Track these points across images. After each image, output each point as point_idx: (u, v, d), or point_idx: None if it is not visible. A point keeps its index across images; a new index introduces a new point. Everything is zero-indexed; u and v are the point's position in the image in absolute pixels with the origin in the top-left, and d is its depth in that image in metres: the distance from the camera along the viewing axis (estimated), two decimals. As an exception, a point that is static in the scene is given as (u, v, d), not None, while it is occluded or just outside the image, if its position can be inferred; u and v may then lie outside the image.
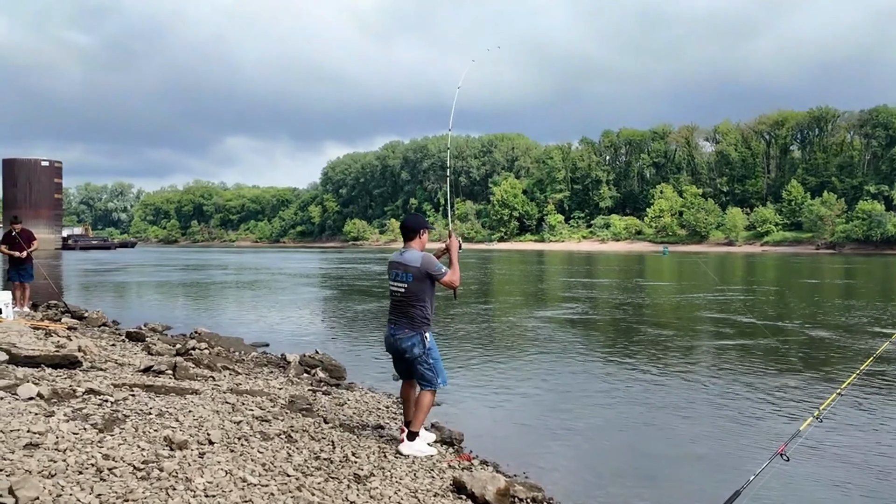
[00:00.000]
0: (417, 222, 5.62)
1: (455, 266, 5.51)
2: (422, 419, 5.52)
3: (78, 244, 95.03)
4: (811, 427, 4.89)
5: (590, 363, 10.92)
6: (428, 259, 5.41)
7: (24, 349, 6.96)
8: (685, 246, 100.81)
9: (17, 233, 13.70)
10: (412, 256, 5.41)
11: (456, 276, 5.46)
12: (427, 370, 5.45)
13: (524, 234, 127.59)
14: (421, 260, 5.38)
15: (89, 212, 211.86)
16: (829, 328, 14.77)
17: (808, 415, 4.97)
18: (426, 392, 5.48)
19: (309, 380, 8.70)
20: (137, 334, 10.84)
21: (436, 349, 5.52)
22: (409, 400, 5.67)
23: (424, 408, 5.50)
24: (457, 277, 5.46)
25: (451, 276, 5.43)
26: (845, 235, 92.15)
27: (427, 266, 5.37)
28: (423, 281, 5.38)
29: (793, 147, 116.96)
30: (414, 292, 5.39)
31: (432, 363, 5.46)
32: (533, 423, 7.61)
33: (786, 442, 4.48)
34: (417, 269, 5.36)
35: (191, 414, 5.24)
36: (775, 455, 4.37)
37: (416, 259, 5.38)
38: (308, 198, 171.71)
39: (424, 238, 5.59)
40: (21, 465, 3.63)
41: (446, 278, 5.40)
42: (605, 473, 6.00)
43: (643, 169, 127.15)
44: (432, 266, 5.38)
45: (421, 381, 5.51)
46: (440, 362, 5.54)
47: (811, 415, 4.86)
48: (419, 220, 5.67)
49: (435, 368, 5.47)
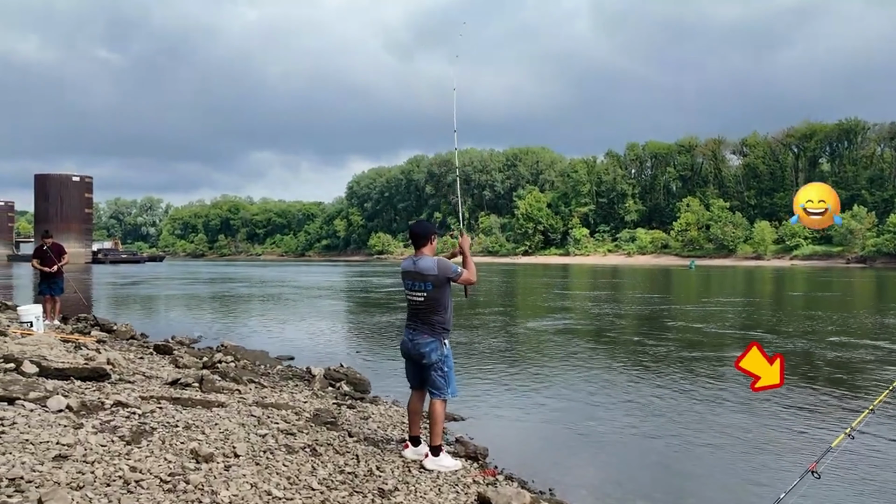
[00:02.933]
0: (426, 228, 5.62)
1: (470, 263, 5.53)
2: (439, 431, 5.45)
3: (108, 258, 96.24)
4: (843, 444, 4.78)
5: (615, 376, 10.81)
6: (443, 264, 5.40)
7: (55, 362, 7.05)
8: (712, 260, 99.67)
9: (48, 247, 13.92)
10: (427, 264, 5.37)
11: (472, 273, 5.50)
12: (440, 377, 5.42)
13: (549, 247, 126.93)
14: (437, 267, 5.36)
15: (119, 226, 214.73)
16: (860, 344, 14.49)
17: (840, 431, 4.87)
18: (437, 402, 5.42)
19: (333, 393, 8.72)
20: (165, 347, 10.95)
21: (451, 359, 5.51)
22: (416, 414, 5.65)
23: (438, 419, 5.43)
24: (473, 275, 5.50)
25: (467, 275, 5.46)
26: (876, 249, 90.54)
27: (444, 272, 5.37)
28: (442, 287, 5.39)
29: (822, 160, 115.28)
30: (435, 299, 5.39)
31: (447, 371, 5.43)
32: (559, 438, 7.55)
33: (817, 459, 4.39)
34: (436, 276, 5.34)
35: (217, 427, 5.27)
36: (806, 472, 4.28)
37: (431, 267, 5.35)
38: (333, 212, 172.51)
39: (434, 243, 5.60)
40: (50, 476, 3.67)
41: (464, 277, 5.42)
42: (632, 490, 5.91)
43: (669, 182, 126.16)
44: (449, 270, 5.38)
45: (432, 389, 5.46)
46: (453, 372, 5.52)
47: (843, 431, 4.75)
48: (428, 226, 5.68)
49: (448, 377, 5.44)
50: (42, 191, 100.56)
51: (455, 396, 5.55)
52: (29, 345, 8.48)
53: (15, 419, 4.61)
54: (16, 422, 4.56)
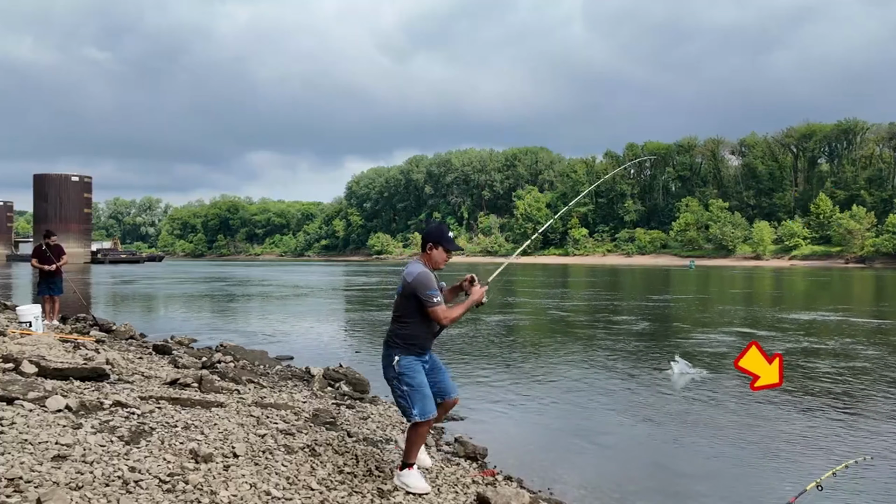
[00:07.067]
0: (428, 234, 4.97)
1: (461, 310, 4.77)
2: (410, 451, 4.81)
3: (107, 258, 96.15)
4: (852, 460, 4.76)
5: (614, 377, 10.81)
6: (422, 280, 4.67)
7: (53, 362, 7.04)
8: (711, 260, 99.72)
9: (47, 247, 13.89)
10: (411, 269, 4.76)
11: (451, 315, 4.70)
12: (399, 397, 4.77)
13: (548, 247, 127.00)
14: (414, 276, 4.69)
15: (118, 226, 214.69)
16: (871, 348, 14.51)
17: (846, 446, 4.86)
18: (412, 426, 4.77)
19: (333, 393, 8.72)
20: (164, 347, 10.94)
21: (414, 375, 4.73)
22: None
23: (413, 440, 4.80)
24: (449, 318, 4.70)
25: (445, 312, 4.68)
26: (875, 249, 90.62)
27: (417, 285, 4.66)
28: (408, 299, 4.73)
29: (821, 160, 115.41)
30: (400, 306, 4.81)
31: (405, 391, 4.71)
32: (558, 438, 7.55)
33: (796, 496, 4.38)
34: (407, 284, 4.70)
35: (216, 427, 5.26)
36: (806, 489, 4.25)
37: (411, 273, 4.72)
38: (332, 212, 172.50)
39: (434, 254, 4.86)
40: (49, 476, 3.67)
41: (437, 311, 4.64)
42: (630, 490, 5.91)
43: (668, 182, 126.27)
44: (422, 288, 4.64)
45: (402, 412, 4.85)
46: (420, 391, 4.70)
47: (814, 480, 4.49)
48: (433, 231, 4.97)
49: (409, 397, 4.70)
50: (41, 191, 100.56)
51: (425, 418, 4.68)
52: (28, 345, 8.47)
53: (14, 419, 4.60)
54: (14, 422, 4.55)
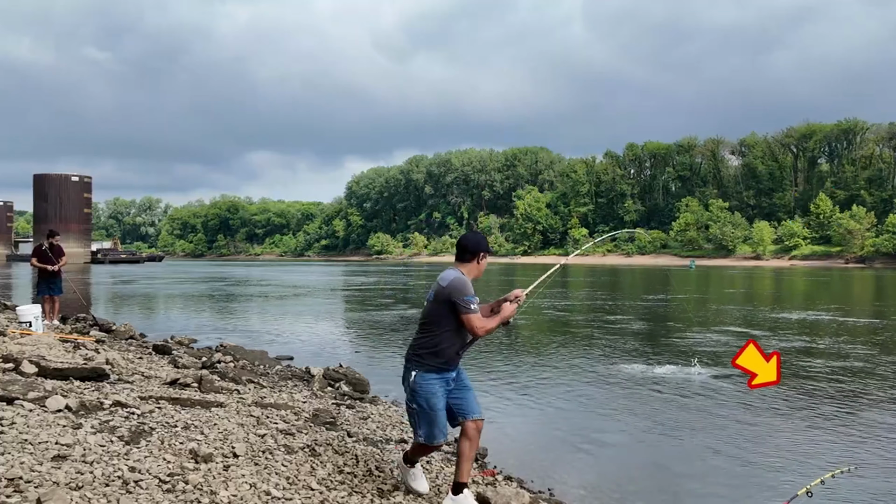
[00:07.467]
0: (476, 244, 4.46)
1: (497, 322, 4.37)
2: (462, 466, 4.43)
3: (107, 258, 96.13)
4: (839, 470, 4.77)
5: (614, 377, 10.81)
6: (459, 283, 4.26)
7: (53, 362, 7.05)
8: (711, 260, 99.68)
9: (47, 247, 13.88)
10: (446, 275, 4.36)
11: (488, 326, 4.30)
12: (410, 413, 4.45)
13: (548, 247, 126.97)
14: (450, 281, 4.27)
15: (118, 226, 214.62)
16: (866, 348, 14.51)
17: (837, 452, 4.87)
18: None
19: (333, 393, 8.72)
20: (164, 347, 10.94)
21: (429, 397, 4.32)
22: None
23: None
24: (486, 329, 4.30)
25: (480, 322, 4.25)
26: (875, 249, 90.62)
27: (453, 290, 4.23)
28: (440, 305, 4.29)
29: (821, 160, 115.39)
30: (427, 313, 4.39)
31: (415, 409, 4.37)
32: (558, 439, 7.55)
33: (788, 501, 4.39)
34: (443, 289, 4.28)
35: (216, 427, 5.26)
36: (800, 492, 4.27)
37: (445, 278, 4.32)
38: (332, 212, 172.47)
39: (482, 264, 4.46)
40: (49, 476, 3.67)
41: (473, 318, 4.22)
42: (630, 491, 5.92)
43: (668, 182, 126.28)
44: (459, 292, 4.21)
45: (411, 427, 4.56)
46: (430, 416, 4.32)
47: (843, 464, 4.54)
48: (479, 240, 4.51)
49: (418, 417, 4.36)
50: (41, 191, 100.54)
51: (435, 443, 4.39)
52: (28, 345, 8.47)
53: (14, 419, 4.60)
54: (15, 422, 4.55)
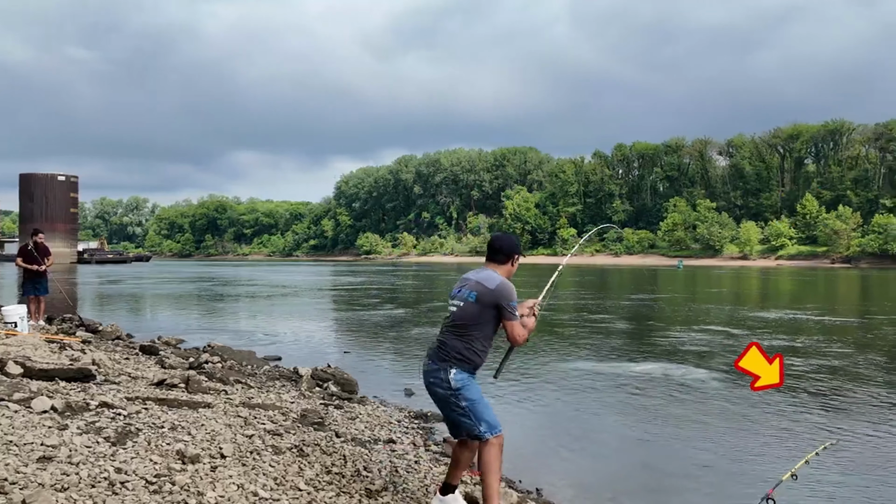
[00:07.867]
0: (511, 245, 4.45)
1: (532, 324, 4.38)
2: (490, 483, 4.23)
3: (94, 258, 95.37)
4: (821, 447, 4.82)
5: (603, 377, 10.83)
6: (507, 287, 4.22)
7: (39, 362, 7.00)
8: (699, 260, 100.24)
9: (33, 247, 13.76)
10: (489, 276, 4.28)
11: (526, 336, 4.29)
12: (461, 415, 4.24)
13: (537, 247, 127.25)
14: (498, 283, 4.22)
15: (104, 226, 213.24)
16: (846, 346, 14.62)
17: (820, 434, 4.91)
18: (483, 447, 4.25)
19: (321, 393, 8.70)
20: (151, 348, 10.89)
21: (471, 389, 4.25)
22: (457, 460, 4.50)
23: (487, 469, 4.22)
24: (525, 338, 4.28)
25: (522, 331, 4.24)
26: (861, 249, 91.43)
27: (500, 295, 4.19)
28: (485, 309, 4.22)
29: (807, 160, 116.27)
30: (468, 316, 4.24)
31: (465, 406, 4.21)
32: (547, 438, 7.56)
33: (773, 486, 4.42)
34: (489, 291, 4.20)
35: (203, 428, 5.24)
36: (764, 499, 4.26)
37: (492, 280, 4.25)
38: (321, 212, 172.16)
39: (515, 267, 4.43)
40: (34, 478, 3.65)
41: (517, 325, 4.22)
42: (619, 491, 5.92)
43: (656, 182, 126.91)
44: (507, 298, 4.19)
45: (465, 433, 4.30)
46: (481, 405, 4.23)
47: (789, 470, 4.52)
48: (514, 242, 4.51)
49: (472, 412, 4.20)
50: (27, 190, 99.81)
51: (496, 432, 4.24)
52: (13, 345, 8.41)
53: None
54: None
